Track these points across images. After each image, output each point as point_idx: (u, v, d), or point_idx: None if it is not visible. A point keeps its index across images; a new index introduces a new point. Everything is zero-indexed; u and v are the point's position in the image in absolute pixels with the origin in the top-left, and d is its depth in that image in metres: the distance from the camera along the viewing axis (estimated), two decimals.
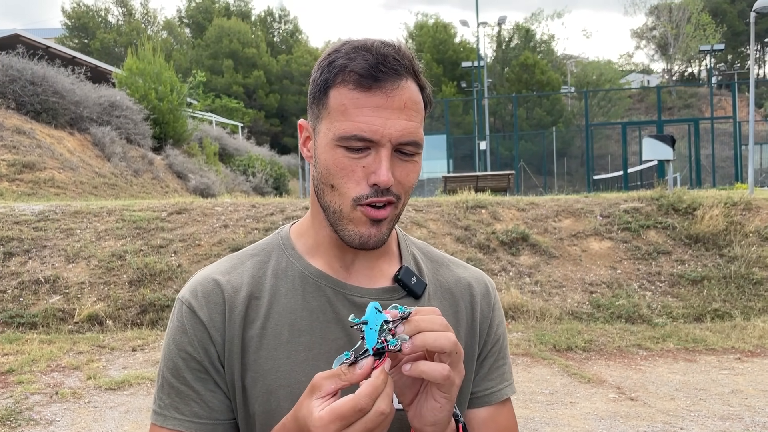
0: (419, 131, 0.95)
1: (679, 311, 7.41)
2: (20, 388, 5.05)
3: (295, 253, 1.04)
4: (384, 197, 0.94)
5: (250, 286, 0.99)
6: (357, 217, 0.95)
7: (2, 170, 12.26)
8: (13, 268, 7.31)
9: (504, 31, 44.93)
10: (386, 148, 0.92)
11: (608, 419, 4.60)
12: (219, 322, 0.97)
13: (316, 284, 1.00)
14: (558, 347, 6.34)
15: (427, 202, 9.39)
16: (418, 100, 0.96)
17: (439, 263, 1.12)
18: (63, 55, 21.51)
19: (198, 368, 0.96)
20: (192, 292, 0.99)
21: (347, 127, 0.91)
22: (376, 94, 0.91)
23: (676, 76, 52.67)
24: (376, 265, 1.04)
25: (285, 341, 0.97)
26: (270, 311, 0.98)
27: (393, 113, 0.92)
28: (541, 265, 8.10)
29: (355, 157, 0.93)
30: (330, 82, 0.94)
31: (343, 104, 0.92)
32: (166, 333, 1.00)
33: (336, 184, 0.94)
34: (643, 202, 9.18)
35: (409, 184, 0.97)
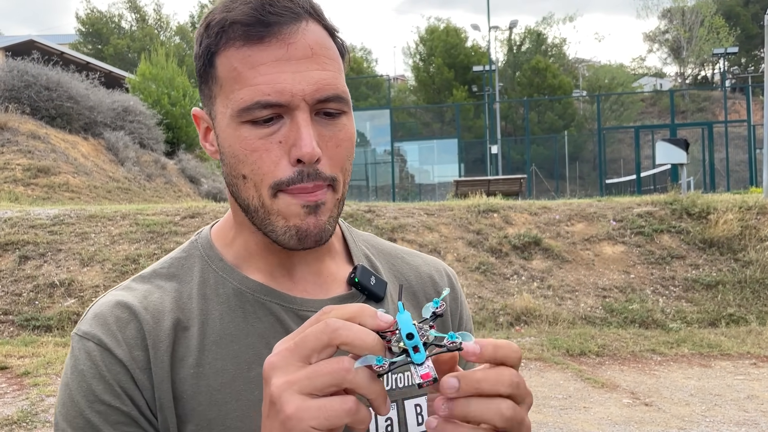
0: (339, 82, 0.75)
1: (693, 316, 7.36)
2: (36, 390, 5.09)
3: (225, 265, 0.82)
4: (312, 182, 0.73)
5: (174, 313, 0.77)
6: (284, 207, 0.74)
7: (18, 175, 12.39)
8: (28, 272, 7.38)
9: (515, 35, 44.87)
10: (302, 110, 0.72)
11: (622, 424, 4.57)
12: (143, 360, 0.73)
13: (258, 301, 0.79)
14: (571, 352, 6.31)
15: (438, 206, 9.39)
16: (329, 45, 0.76)
17: (393, 256, 0.95)
18: (77, 60, 21.74)
19: (123, 421, 0.71)
20: (101, 324, 0.74)
21: (245, 95, 0.72)
22: (271, 45, 0.72)
23: (689, 79, 52.36)
24: (324, 269, 0.85)
25: (230, 379, 0.75)
26: (204, 343, 0.76)
27: (300, 64, 0.72)
28: (553, 269, 8.07)
29: (266, 131, 0.73)
30: (213, 48, 0.75)
31: (234, 68, 0.73)
32: (64, 383, 0.74)
33: (248, 172, 0.74)
34: (656, 207, 9.12)
35: (343, 156, 0.77)
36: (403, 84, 50.91)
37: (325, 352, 0.57)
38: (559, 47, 47.49)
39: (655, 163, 18.88)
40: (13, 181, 12.19)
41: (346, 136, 0.77)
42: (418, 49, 43.51)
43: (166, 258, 0.85)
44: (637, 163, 20.49)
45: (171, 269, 0.82)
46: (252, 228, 0.80)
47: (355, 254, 0.90)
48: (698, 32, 45.39)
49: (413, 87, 44.94)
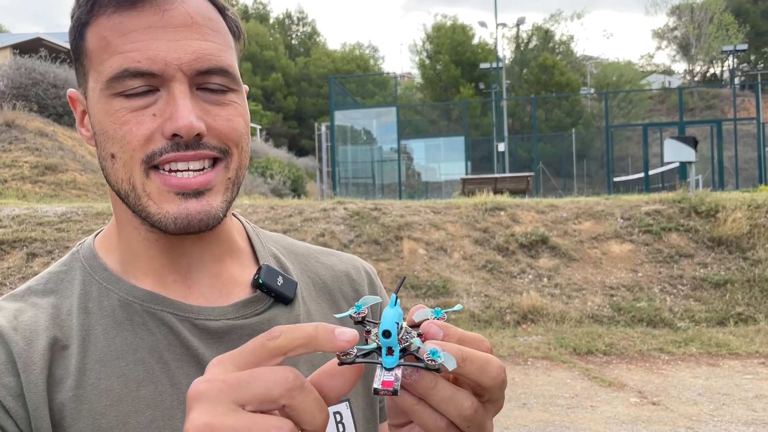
0: (224, 55, 0.68)
1: (701, 315, 7.31)
2: None
3: (109, 275, 0.73)
4: (192, 150, 0.65)
5: (50, 331, 0.68)
6: (156, 189, 0.66)
7: (25, 172, 12.45)
8: (36, 269, 7.41)
9: (523, 32, 44.76)
10: (179, 81, 0.65)
11: (629, 423, 4.54)
12: (14, 386, 0.64)
13: (148, 312, 0.70)
14: (578, 351, 6.28)
15: (445, 204, 9.36)
16: (214, 17, 0.69)
17: (305, 256, 0.87)
18: None
19: None
20: None
21: (114, 62, 0.64)
22: (145, 11, 0.65)
23: (698, 77, 52.09)
24: (223, 271, 0.76)
25: (117, 400, 0.66)
26: (85, 362, 0.67)
27: (177, 32, 0.65)
28: (560, 267, 8.04)
29: (139, 103, 0.65)
30: (84, 19, 0.68)
31: (104, 37, 0.66)
32: None
33: (116, 149, 0.66)
34: (664, 205, 9.07)
35: (235, 129, 0.69)
36: (410, 81, 50.88)
37: (267, 406, 0.46)
38: (567, 44, 47.33)
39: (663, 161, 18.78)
40: (21, 179, 12.25)
41: (237, 112, 0.69)
42: (424, 47, 43.47)
43: (43, 273, 0.76)
44: (645, 161, 20.40)
45: (48, 285, 0.73)
46: (133, 222, 0.72)
47: (261, 254, 0.81)
48: (707, 29, 45.16)
49: (420, 84, 44.90)
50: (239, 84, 0.70)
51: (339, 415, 0.76)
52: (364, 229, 8.30)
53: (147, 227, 0.71)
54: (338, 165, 20.18)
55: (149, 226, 0.71)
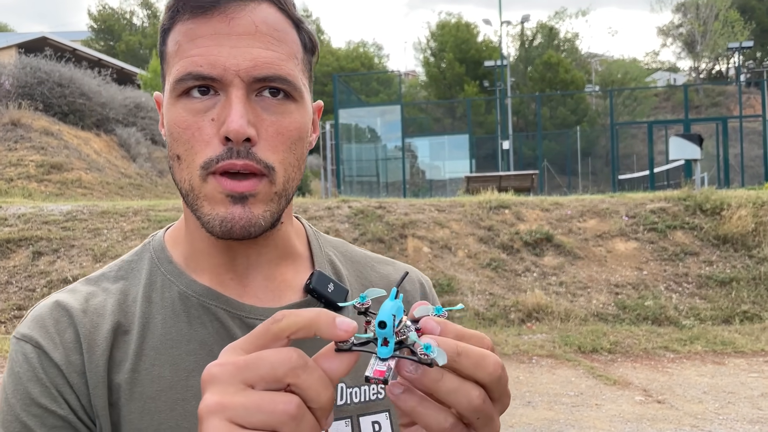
0: (287, 65, 0.70)
1: (707, 313, 7.30)
2: None
3: (173, 268, 0.78)
4: (242, 160, 0.68)
5: (115, 316, 0.73)
6: (211, 191, 0.69)
7: (31, 171, 12.49)
8: (42, 267, 7.44)
9: (527, 29, 44.65)
10: (236, 87, 0.68)
11: (634, 422, 4.54)
12: (79, 364, 0.70)
13: (203, 306, 0.75)
14: (583, 349, 6.28)
15: (449, 203, 9.36)
16: (282, 28, 0.72)
17: (362, 264, 0.88)
18: (89, 57, 21.87)
19: (60, 425, 0.68)
20: (39, 327, 0.72)
21: (181, 66, 0.69)
22: (214, 18, 0.69)
23: (703, 74, 51.89)
24: (278, 274, 0.79)
25: (167, 387, 0.71)
26: (142, 347, 0.72)
27: (241, 40, 0.68)
28: (565, 265, 8.03)
29: (199, 106, 0.69)
30: (166, 25, 0.72)
31: (177, 42, 0.70)
32: (0, 387, 0.72)
33: (181, 152, 0.70)
34: (669, 203, 9.05)
35: (284, 145, 0.71)
36: (414, 79, 50.83)
37: (274, 385, 0.49)
38: (572, 42, 47.20)
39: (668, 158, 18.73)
40: (27, 177, 12.30)
41: (292, 125, 0.71)
42: (429, 45, 43.40)
43: (117, 261, 0.82)
44: (650, 158, 20.33)
45: (120, 272, 0.79)
46: (197, 225, 0.74)
47: (318, 260, 0.83)
48: (713, 26, 44.98)
49: (424, 82, 44.85)
50: (300, 94, 0.72)
51: (378, 425, 0.78)
52: (369, 228, 8.30)
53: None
54: (343, 163, 20.18)
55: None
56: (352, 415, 0.77)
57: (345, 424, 0.76)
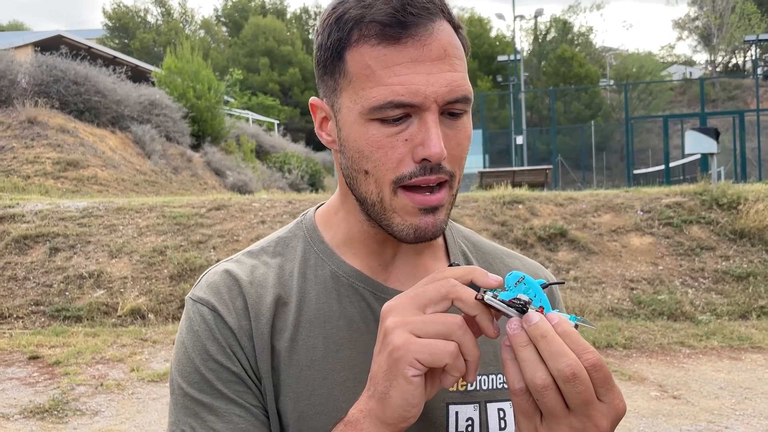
0: (467, 83, 0.76)
1: (723, 308, 7.23)
2: (66, 379, 5.19)
3: (325, 248, 0.85)
4: (434, 175, 0.74)
5: (276, 289, 0.82)
6: (402, 205, 0.75)
7: (48, 168, 12.62)
8: (59, 263, 7.52)
9: (541, 24, 44.38)
10: (432, 111, 0.72)
11: (650, 417, 4.51)
12: (248, 329, 0.79)
13: (352, 287, 0.82)
14: (597, 344, 6.24)
15: (463, 198, 9.34)
16: (458, 44, 0.76)
17: (492, 255, 0.94)
18: (104, 55, 22.03)
19: (233, 380, 0.77)
20: (214, 292, 0.81)
21: (378, 93, 0.72)
22: (408, 45, 0.72)
23: (719, 67, 51.30)
24: (420, 262, 0.86)
25: (320, 357, 0.79)
26: (299, 319, 0.80)
27: (434, 65, 0.72)
28: (579, 261, 7.99)
29: (394, 130, 0.73)
30: (344, 42, 0.74)
31: (368, 66, 0.73)
32: (180, 342, 0.81)
33: (370, 167, 0.75)
34: (685, 197, 8.96)
35: (462, 154, 0.78)
36: None
37: (441, 304, 0.65)
38: (586, 36, 46.85)
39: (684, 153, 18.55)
40: (44, 175, 12.42)
41: (466, 136, 0.78)
42: None
43: (273, 236, 0.90)
44: (665, 153, 20.15)
45: (277, 248, 0.87)
46: (361, 217, 0.83)
47: (452, 250, 0.90)
48: (729, 19, 44.43)
49: None
50: (471, 104, 0.78)
51: (503, 411, 0.84)
52: None
53: (371, 224, 0.82)
54: None
55: (377, 227, 0.81)
56: (480, 401, 0.83)
57: (473, 408, 0.83)
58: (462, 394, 0.82)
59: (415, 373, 0.64)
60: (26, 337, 6.19)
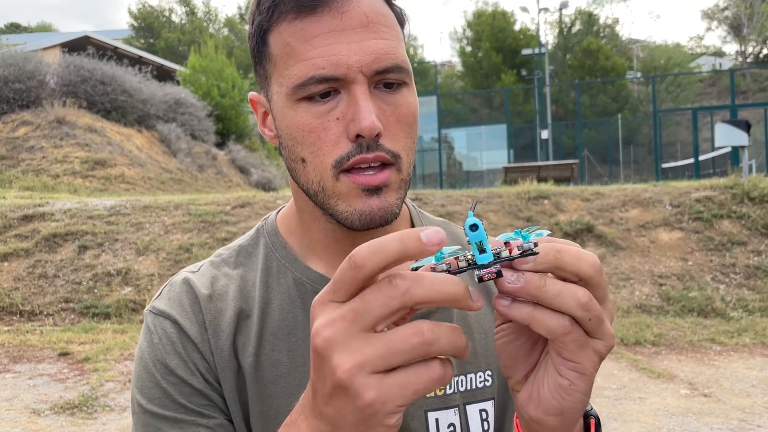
0: (399, 51, 0.70)
1: (755, 304, 7.07)
2: (95, 375, 5.27)
3: (287, 254, 0.80)
4: (372, 153, 0.68)
5: (237, 302, 0.77)
6: (345, 189, 0.70)
7: (76, 167, 12.82)
8: (87, 261, 7.63)
9: (565, 16, 43.87)
10: (360, 83, 0.67)
11: (680, 416, 4.43)
12: (207, 344, 0.75)
13: (316, 293, 0.70)
14: (626, 341, 6.16)
15: (487, 193, 9.27)
16: (386, 12, 0.71)
17: (466, 244, 0.86)
18: (130, 55, 22.31)
19: (196, 394, 0.73)
20: (176, 304, 0.77)
21: (299, 70, 0.67)
22: (324, 15, 0.67)
23: (750, 58, 50.23)
24: None
25: (285, 372, 0.74)
26: (262, 332, 0.76)
27: (355, 33, 0.67)
28: (607, 256, 7.88)
29: (322, 108, 0.69)
30: (265, 25, 0.71)
31: (287, 44, 0.69)
32: (139, 357, 0.77)
33: (307, 154, 0.70)
34: (715, 191, 8.79)
35: (404, 131, 0.71)
36: (450, 70, 50.46)
37: (394, 317, 0.47)
38: (612, 28, 46.21)
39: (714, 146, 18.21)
40: (72, 174, 12.62)
41: (408, 111, 0.72)
42: (465, 34, 43.01)
43: (234, 244, 0.85)
44: (695, 146, 19.80)
45: (239, 257, 0.82)
46: (314, 213, 0.77)
47: None
48: (760, 8, 43.46)
49: (460, 72, 44.50)
50: (410, 77, 0.72)
51: (485, 413, 0.79)
52: None
53: (327, 219, 0.76)
54: None
55: (331, 220, 0.75)
56: (459, 404, 0.77)
57: (454, 413, 0.77)
58: (440, 399, 0.76)
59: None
60: (56, 334, 6.30)
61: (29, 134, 13.85)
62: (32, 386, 5.09)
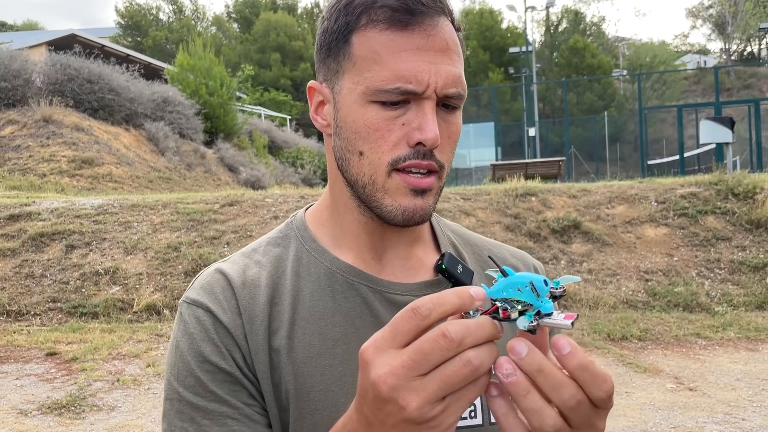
0: (463, 80, 0.78)
1: (740, 299, 7.16)
2: (84, 375, 5.25)
3: (317, 246, 0.86)
4: (427, 160, 0.76)
5: (269, 288, 0.82)
6: (395, 186, 0.77)
7: (63, 166, 12.74)
8: (75, 260, 7.60)
9: (552, 14, 44.05)
10: (431, 99, 0.75)
11: (666, 410, 4.49)
12: (241, 329, 0.79)
13: (347, 282, 0.83)
14: (612, 336, 6.22)
15: (475, 191, 9.31)
16: (458, 41, 0.79)
17: (479, 246, 0.96)
18: (117, 53, 22.15)
19: (229, 380, 0.77)
20: (208, 293, 0.81)
21: (384, 76, 0.74)
22: (415, 33, 0.74)
23: (734, 55, 50.64)
24: (413, 254, 0.87)
25: (316, 353, 0.79)
26: (294, 317, 0.81)
27: (437, 56, 0.74)
28: (593, 252, 7.94)
29: (392, 114, 0.75)
30: (352, 26, 0.77)
31: (374, 50, 0.75)
32: (174, 345, 0.81)
33: (366, 149, 0.77)
34: (700, 187, 8.88)
35: (452, 147, 0.80)
36: None
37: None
38: (598, 26, 46.45)
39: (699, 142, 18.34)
40: (59, 173, 12.54)
41: (457, 130, 0.80)
42: None
43: (264, 238, 0.90)
44: (680, 143, 19.96)
45: (268, 247, 0.87)
46: (350, 204, 0.83)
47: (442, 242, 0.91)
48: (744, 6, 43.83)
49: None
50: (464, 100, 0.80)
51: (472, 404, 0.83)
52: None
53: (361, 211, 0.83)
54: None
55: (368, 212, 0.82)
56: None
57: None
58: None
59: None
60: (44, 334, 6.26)
61: (15, 133, 13.73)
62: (19, 386, 5.07)
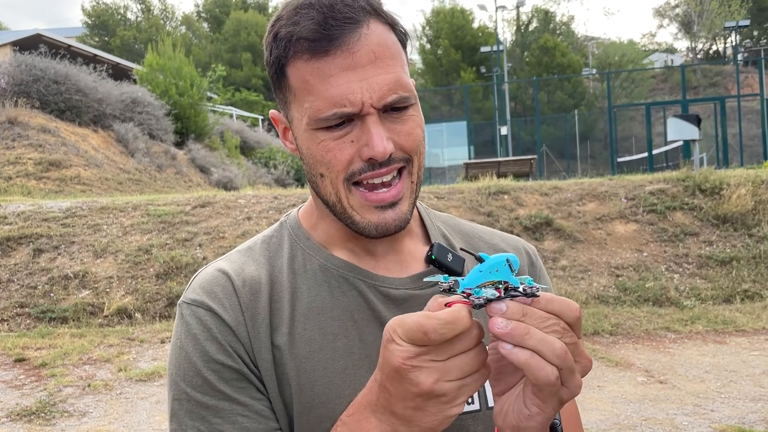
0: (403, 79, 0.79)
1: (707, 293, 7.31)
2: (53, 381, 5.16)
3: (311, 244, 0.89)
4: (385, 167, 0.79)
5: (268, 286, 0.84)
6: (358, 203, 0.81)
7: (29, 169, 12.48)
8: (42, 264, 7.45)
9: (523, 14, 44.45)
10: (372, 114, 0.77)
11: (637, 402, 4.56)
12: (243, 327, 0.81)
13: (342, 277, 0.85)
14: (584, 331, 6.30)
15: (448, 189, 9.36)
16: (390, 41, 0.79)
17: (470, 235, 0.98)
18: (84, 53, 21.78)
19: (235, 377, 0.79)
20: (207, 292, 0.82)
21: (320, 105, 0.77)
22: (338, 55, 0.76)
23: (700, 54, 51.63)
24: (404, 247, 0.90)
25: (317, 348, 0.81)
26: (294, 314, 0.83)
27: (365, 71, 0.76)
28: (565, 249, 8.04)
29: (339, 133, 0.78)
30: (283, 59, 0.79)
31: (305, 80, 0.78)
32: (178, 347, 0.82)
33: (324, 170, 0.81)
34: (668, 184, 9.04)
35: (414, 142, 0.81)
36: (411, 67, 50.54)
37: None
38: (568, 25, 46.98)
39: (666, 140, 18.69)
40: (25, 175, 12.28)
41: (415, 123, 0.81)
42: (424, 32, 43.20)
43: (259, 236, 0.93)
44: (648, 140, 20.28)
45: (263, 245, 0.90)
46: (333, 217, 0.86)
47: (432, 234, 0.94)
48: (709, 5, 44.71)
49: (420, 70, 44.69)
50: (414, 96, 0.81)
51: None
52: None
53: (343, 224, 0.85)
54: None
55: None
56: None
57: None
58: None
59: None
60: (11, 340, 6.13)
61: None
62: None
